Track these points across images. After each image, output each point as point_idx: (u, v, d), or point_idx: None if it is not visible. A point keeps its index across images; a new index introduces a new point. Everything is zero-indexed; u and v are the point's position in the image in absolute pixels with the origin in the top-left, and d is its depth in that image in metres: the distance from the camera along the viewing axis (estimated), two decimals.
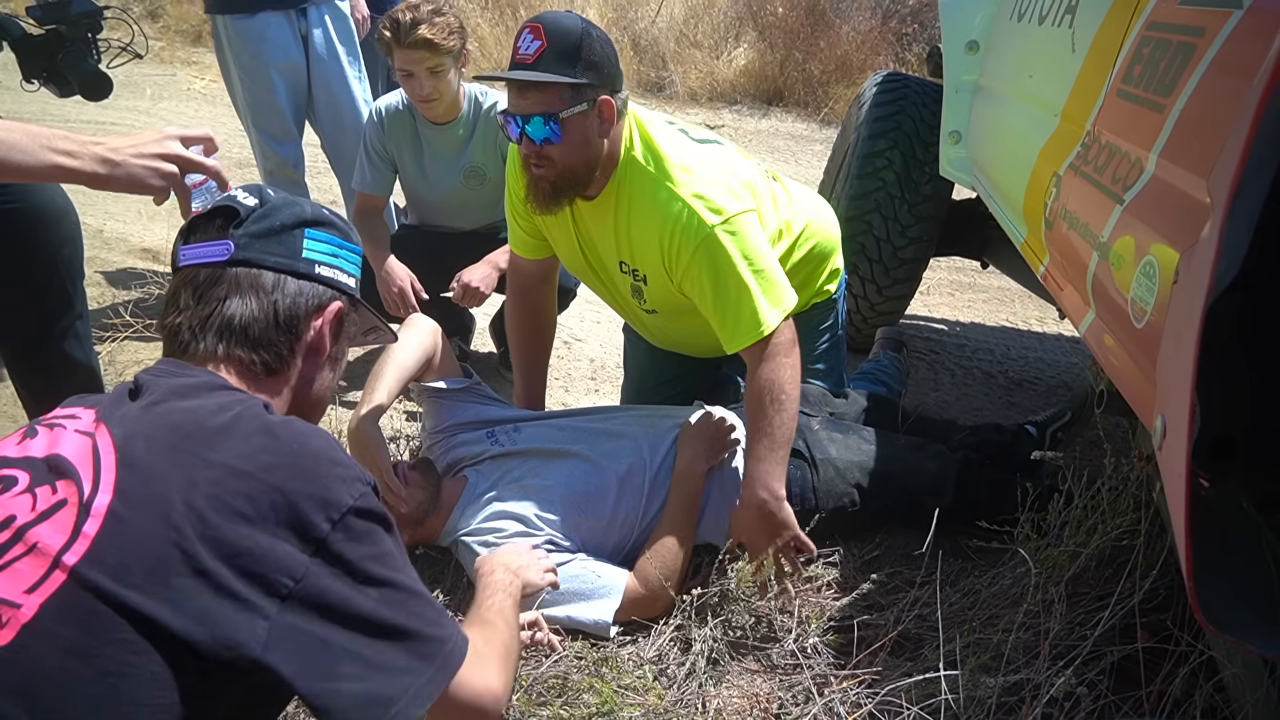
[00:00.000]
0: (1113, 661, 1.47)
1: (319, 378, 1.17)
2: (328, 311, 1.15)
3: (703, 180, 1.87)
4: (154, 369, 1.05)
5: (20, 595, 0.82)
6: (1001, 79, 2.50)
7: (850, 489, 2.11)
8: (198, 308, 1.08)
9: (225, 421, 0.93)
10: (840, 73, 7.34)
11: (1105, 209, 1.46)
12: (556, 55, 1.75)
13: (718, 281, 1.85)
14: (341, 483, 0.91)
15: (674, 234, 1.86)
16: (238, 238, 1.10)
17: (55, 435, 0.95)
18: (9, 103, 5.42)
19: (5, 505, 0.88)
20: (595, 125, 1.82)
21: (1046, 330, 4.13)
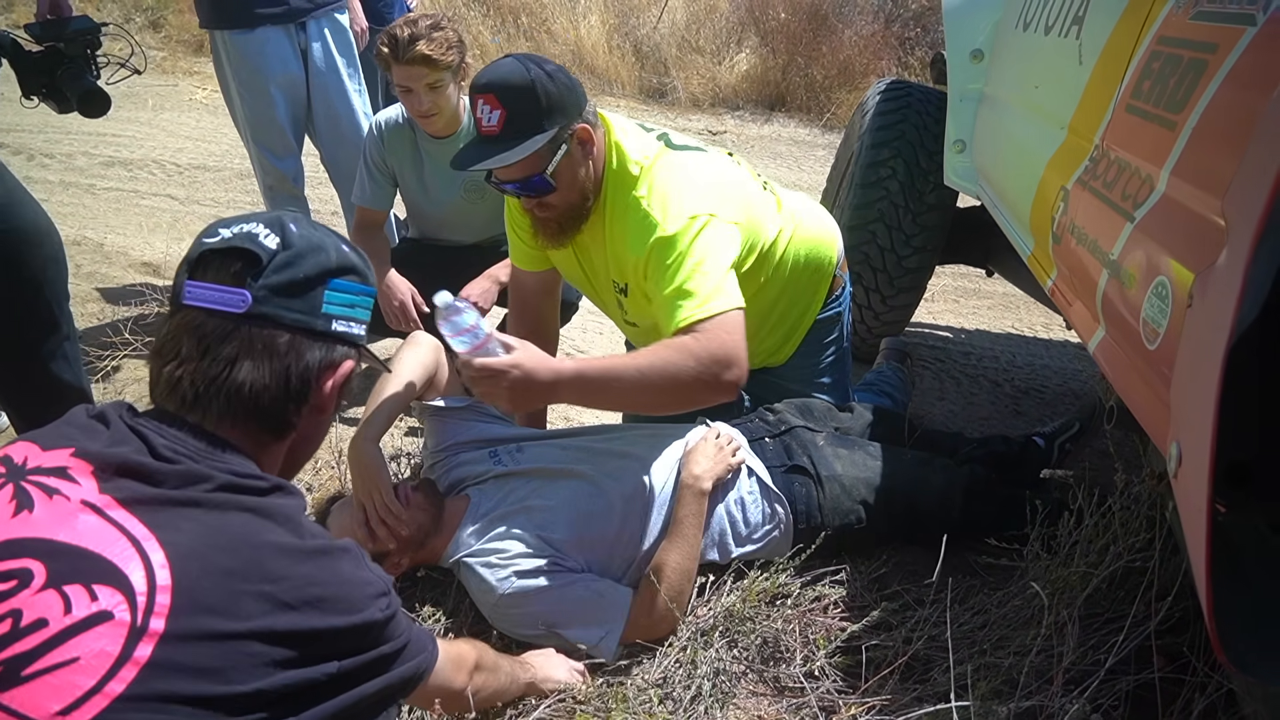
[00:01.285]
0: (1128, 689, 1.44)
1: (315, 435, 1.14)
2: (339, 372, 1.08)
3: (665, 185, 1.87)
4: (163, 430, 0.96)
5: (53, 717, 0.76)
6: (1007, 88, 2.47)
7: (856, 506, 2.08)
8: (202, 362, 0.99)
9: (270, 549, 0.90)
10: (843, 77, 7.31)
11: (1115, 226, 1.44)
12: (520, 118, 1.75)
13: (661, 278, 1.80)
14: (372, 601, 0.96)
15: (635, 239, 1.86)
16: (256, 290, 1.00)
17: (61, 510, 0.86)
18: (10, 115, 5.41)
19: (29, 605, 0.80)
20: (579, 156, 1.85)
21: (1053, 337, 4.10)
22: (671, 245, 1.81)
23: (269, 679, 0.85)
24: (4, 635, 0.78)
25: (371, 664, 0.97)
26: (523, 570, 1.80)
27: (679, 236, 1.80)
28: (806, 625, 1.86)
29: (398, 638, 1.01)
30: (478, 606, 1.87)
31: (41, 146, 5.53)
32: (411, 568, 1.93)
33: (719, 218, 1.85)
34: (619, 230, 1.92)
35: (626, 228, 1.89)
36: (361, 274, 1.12)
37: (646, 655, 1.81)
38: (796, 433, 2.18)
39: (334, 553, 0.95)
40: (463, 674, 1.28)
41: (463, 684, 1.28)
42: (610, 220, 1.94)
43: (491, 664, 1.41)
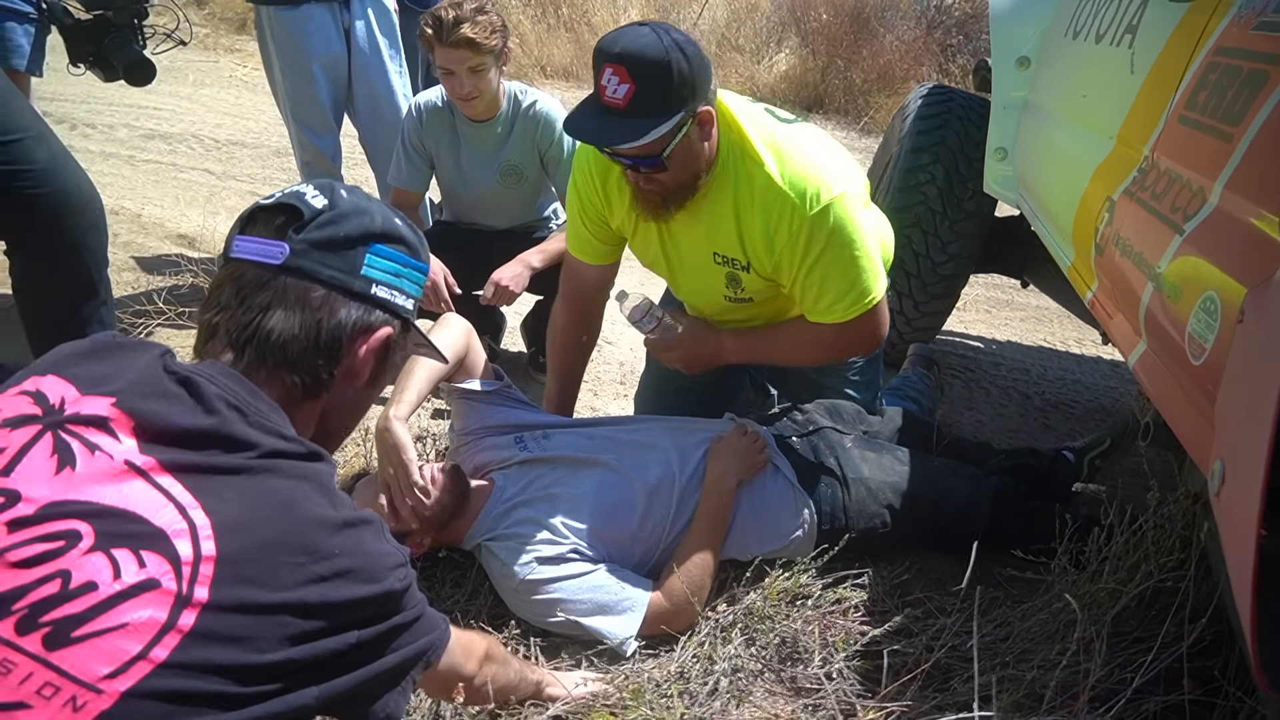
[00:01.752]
0: (1155, 711, 1.42)
1: (352, 402, 1.12)
2: (374, 337, 1.07)
3: (799, 161, 1.84)
4: (214, 376, 0.96)
5: (101, 680, 0.77)
6: (1053, 97, 2.44)
7: (882, 510, 2.06)
8: (238, 311, 1.01)
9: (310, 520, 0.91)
10: (882, 82, 7.27)
11: (1163, 238, 1.42)
12: (648, 99, 1.67)
13: (810, 260, 1.85)
14: (391, 571, 0.97)
15: (776, 217, 1.83)
16: (295, 242, 1.02)
17: (106, 471, 0.85)
18: (55, 84, 5.48)
19: (78, 566, 0.80)
20: (697, 138, 1.79)
21: (1085, 352, 4.06)
22: (820, 229, 1.81)
23: (297, 649, 0.86)
24: (54, 595, 0.79)
25: (388, 633, 0.98)
26: (544, 557, 1.80)
27: (826, 219, 1.80)
28: (826, 627, 1.85)
29: (412, 608, 1.02)
30: (498, 591, 1.88)
31: (84, 116, 5.60)
32: (433, 548, 1.93)
33: (853, 192, 1.85)
34: (749, 208, 1.87)
35: (763, 207, 1.84)
36: (411, 246, 1.11)
37: (664, 648, 1.80)
38: (824, 433, 2.16)
39: (360, 524, 0.97)
40: (473, 661, 1.28)
41: (472, 671, 1.28)
42: (731, 196, 1.88)
43: (502, 657, 1.41)
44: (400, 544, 1.81)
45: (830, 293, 1.88)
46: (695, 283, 2.12)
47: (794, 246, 1.84)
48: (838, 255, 1.84)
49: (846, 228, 1.82)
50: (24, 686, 0.75)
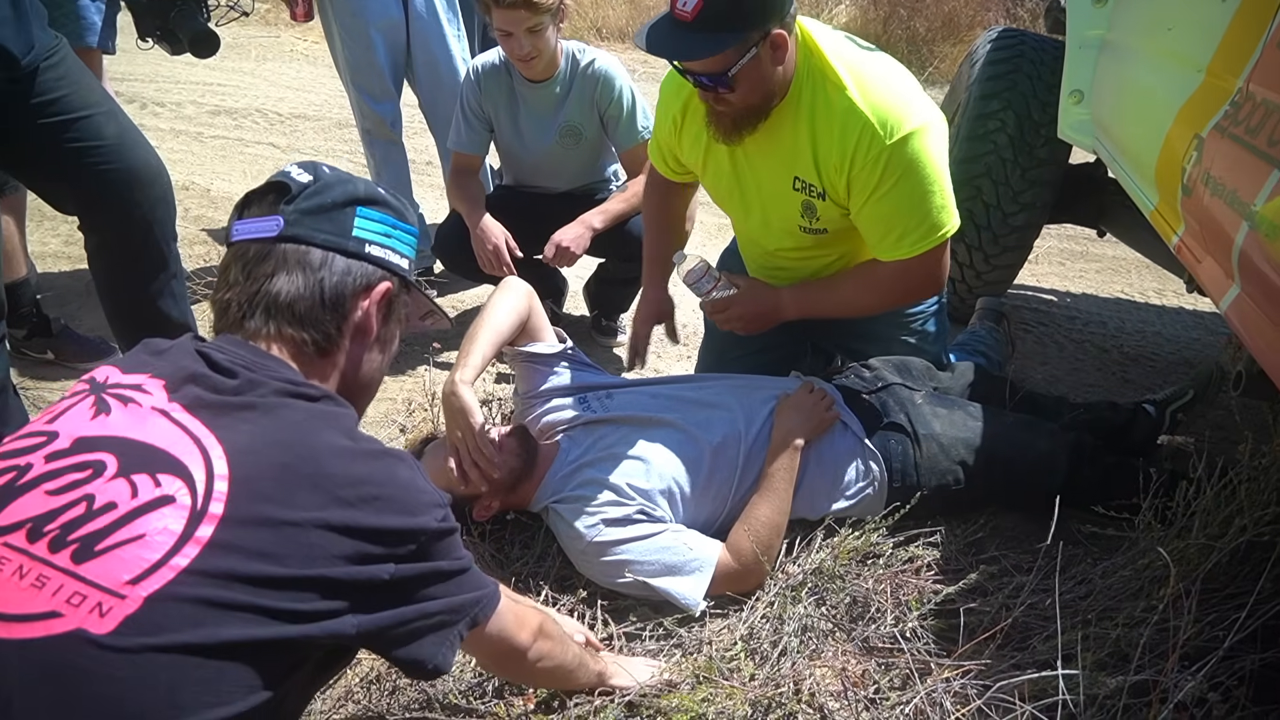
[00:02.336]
0: (1251, 668, 1.36)
1: (367, 360, 1.16)
2: (375, 292, 1.13)
3: (882, 88, 1.81)
4: (221, 345, 1.05)
5: (123, 585, 0.83)
6: (1134, 33, 2.32)
7: (954, 466, 2.01)
8: (246, 284, 1.08)
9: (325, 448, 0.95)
10: (947, 30, 7.05)
11: (1259, 174, 1.33)
12: (715, 14, 1.66)
13: (884, 189, 1.82)
14: (427, 509, 1.00)
15: (854, 143, 1.80)
16: (288, 214, 1.09)
17: (134, 415, 0.95)
18: (124, 64, 5.61)
19: (101, 490, 0.88)
20: (768, 62, 1.76)
21: (1166, 303, 3.90)
22: (898, 159, 1.79)
23: (329, 569, 0.90)
24: (79, 516, 0.86)
25: (429, 575, 1.00)
26: (611, 518, 1.79)
27: (905, 149, 1.78)
28: (898, 586, 1.81)
29: (457, 558, 1.05)
30: (566, 553, 1.88)
31: (153, 95, 5.72)
32: (501, 511, 1.95)
33: (935, 125, 1.82)
34: (827, 132, 1.84)
35: (842, 131, 1.82)
36: (395, 209, 1.18)
37: (733, 608, 1.79)
38: (894, 390, 2.11)
39: (390, 458, 1.00)
40: (525, 632, 1.26)
41: (525, 642, 1.26)
42: (809, 121, 1.86)
43: (559, 635, 1.38)
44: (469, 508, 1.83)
45: (898, 226, 1.86)
46: (770, 213, 2.08)
47: (870, 173, 1.81)
48: (912, 188, 1.81)
49: (924, 160, 1.80)
50: (56, 597, 0.82)
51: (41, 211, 3.46)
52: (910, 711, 1.47)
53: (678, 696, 1.50)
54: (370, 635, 0.95)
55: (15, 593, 0.82)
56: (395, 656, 1.01)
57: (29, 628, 0.81)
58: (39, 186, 2.15)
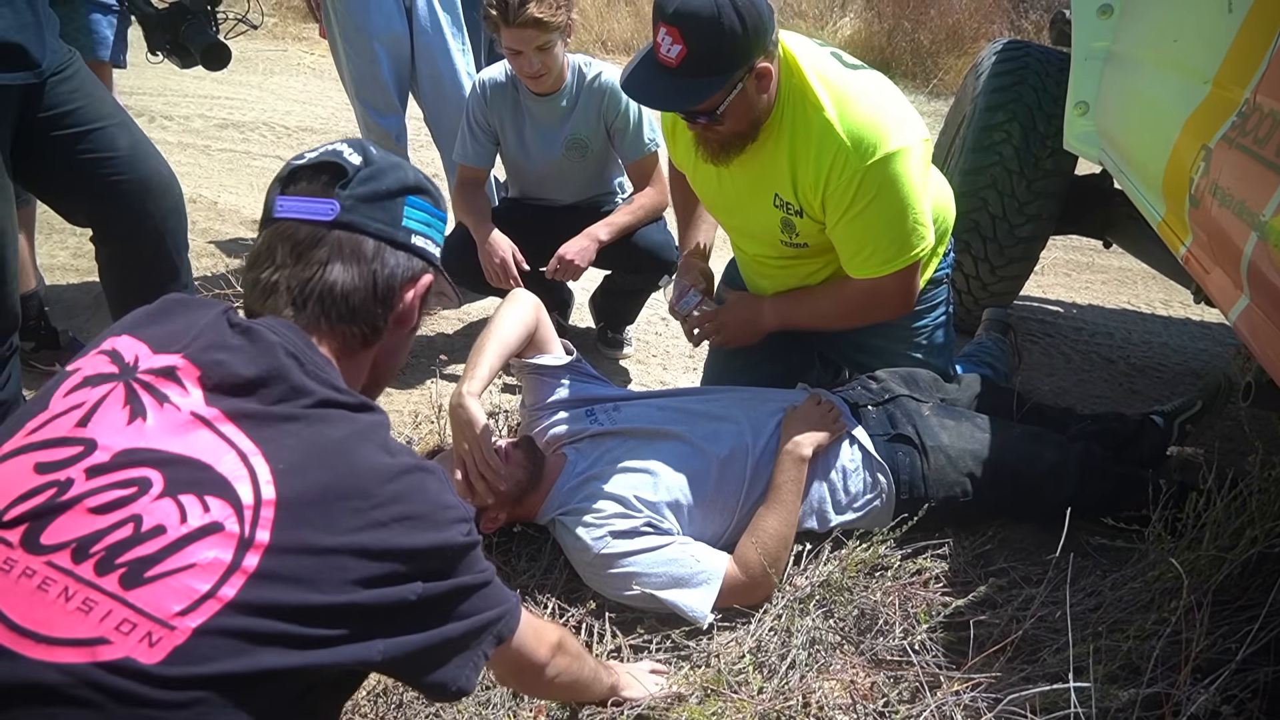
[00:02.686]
0: (1265, 682, 1.35)
1: (401, 348, 1.17)
2: (420, 284, 1.13)
3: (859, 110, 1.82)
4: (274, 327, 1.00)
5: (173, 616, 0.81)
6: (1140, 45, 2.32)
7: (962, 478, 2.01)
8: (296, 267, 1.05)
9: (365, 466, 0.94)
10: (951, 42, 7.07)
11: (1268, 185, 1.33)
12: (700, 60, 1.68)
13: (856, 210, 1.84)
14: (453, 524, 0.98)
15: (829, 162, 1.82)
16: (344, 199, 1.07)
17: (174, 422, 0.91)
18: (133, 78, 5.64)
19: (149, 511, 0.85)
20: (754, 92, 1.79)
21: (1172, 314, 3.90)
22: (873, 180, 1.81)
23: (359, 594, 0.88)
24: (128, 538, 0.83)
25: (455, 592, 0.99)
26: (618, 530, 1.79)
27: (881, 171, 1.80)
28: (906, 599, 1.81)
29: (480, 572, 1.03)
30: (573, 565, 1.88)
31: (161, 109, 5.75)
32: (508, 524, 1.94)
33: (913, 147, 1.83)
34: (806, 154, 1.87)
35: (818, 152, 1.84)
36: (435, 198, 1.17)
37: (741, 621, 1.78)
38: (901, 401, 2.11)
39: (421, 471, 0.98)
40: (544, 648, 1.25)
41: (544, 658, 1.25)
42: (789, 140, 1.89)
43: (576, 651, 1.38)
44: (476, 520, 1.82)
45: (869, 245, 1.88)
46: (752, 225, 2.11)
47: (844, 193, 1.84)
48: (885, 209, 1.83)
49: (898, 183, 1.81)
50: (104, 623, 0.80)
51: (50, 224, 3.48)
52: None
53: (687, 709, 1.49)
54: (396, 660, 0.93)
55: (61, 615, 0.80)
56: (420, 682, 0.99)
57: (76, 652, 0.79)
58: (52, 199, 2.16)
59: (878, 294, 1.98)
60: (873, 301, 2.02)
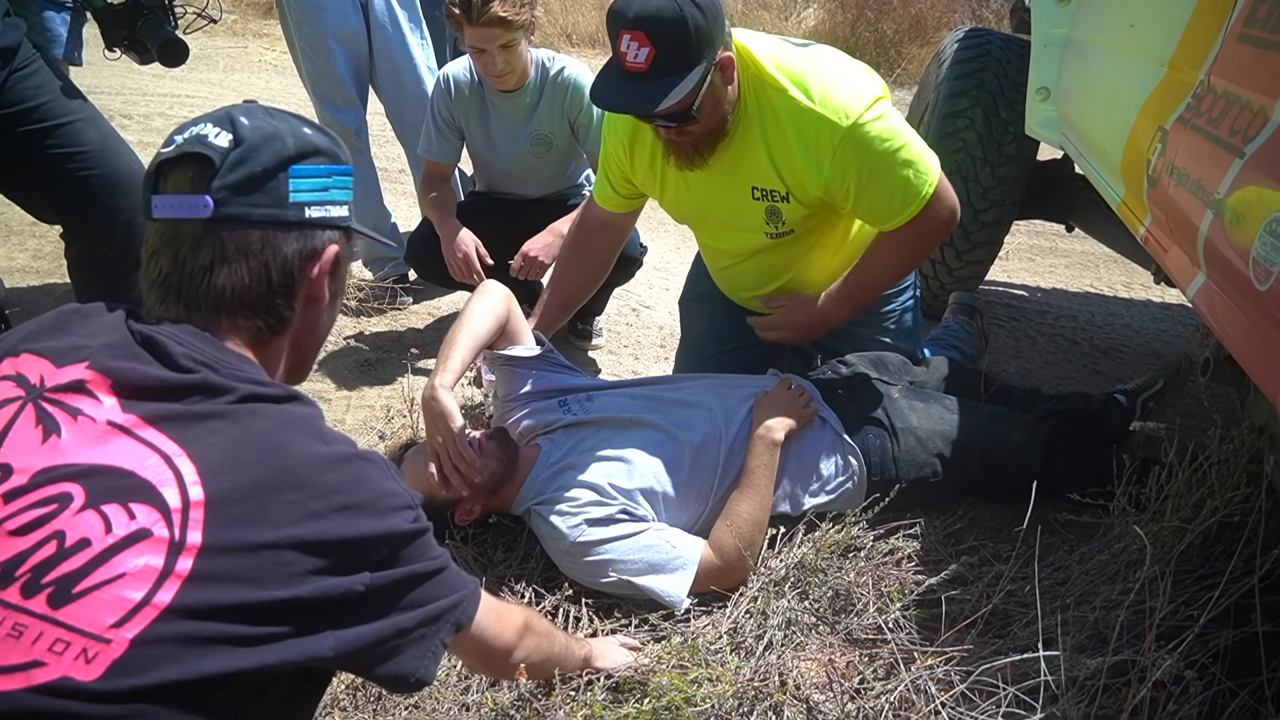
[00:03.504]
0: (1226, 645, 1.39)
1: (320, 324, 1.11)
2: (324, 258, 1.05)
3: (822, 80, 1.84)
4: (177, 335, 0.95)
5: (108, 629, 0.79)
6: (1097, 30, 2.36)
7: (932, 459, 2.04)
8: (184, 275, 0.99)
9: (297, 457, 0.90)
10: (914, 32, 7.13)
11: (1222, 164, 1.37)
12: (669, 57, 1.68)
13: (866, 170, 1.85)
14: (397, 512, 0.95)
15: (813, 139, 1.84)
16: (216, 192, 0.97)
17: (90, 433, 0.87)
18: (90, 77, 5.53)
19: (71, 525, 0.82)
20: (721, 84, 1.81)
21: (1134, 296, 3.97)
22: (862, 139, 1.82)
23: (304, 586, 0.86)
24: (51, 556, 0.81)
25: (405, 581, 0.96)
26: (593, 518, 1.80)
27: (865, 129, 1.82)
28: (880, 578, 1.83)
29: (431, 559, 1.00)
30: (549, 554, 1.88)
31: (120, 108, 5.66)
32: (483, 515, 1.94)
33: (881, 96, 1.86)
34: (780, 137, 1.88)
35: (798, 132, 1.85)
36: (328, 153, 1.06)
37: (717, 605, 1.80)
38: (870, 384, 2.13)
39: (359, 460, 0.95)
40: (509, 631, 1.23)
41: (510, 641, 1.23)
42: (760, 129, 1.90)
43: (544, 630, 1.38)
44: (451, 512, 1.82)
45: (897, 197, 1.89)
46: (735, 224, 2.10)
47: (843, 164, 1.85)
48: (888, 160, 1.85)
49: (886, 131, 1.84)
50: (36, 646, 0.77)
51: (8, 226, 3.42)
52: (895, 700, 1.48)
53: (666, 675, 1.51)
54: (349, 655, 0.91)
55: None
56: (376, 675, 0.96)
57: (9, 679, 0.76)
58: (20, 195, 2.13)
59: (927, 224, 1.93)
60: (925, 232, 1.96)
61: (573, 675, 1.51)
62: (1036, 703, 1.34)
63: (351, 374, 2.83)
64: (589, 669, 1.54)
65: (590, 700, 1.47)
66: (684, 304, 2.58)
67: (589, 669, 1.54)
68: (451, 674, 1.59)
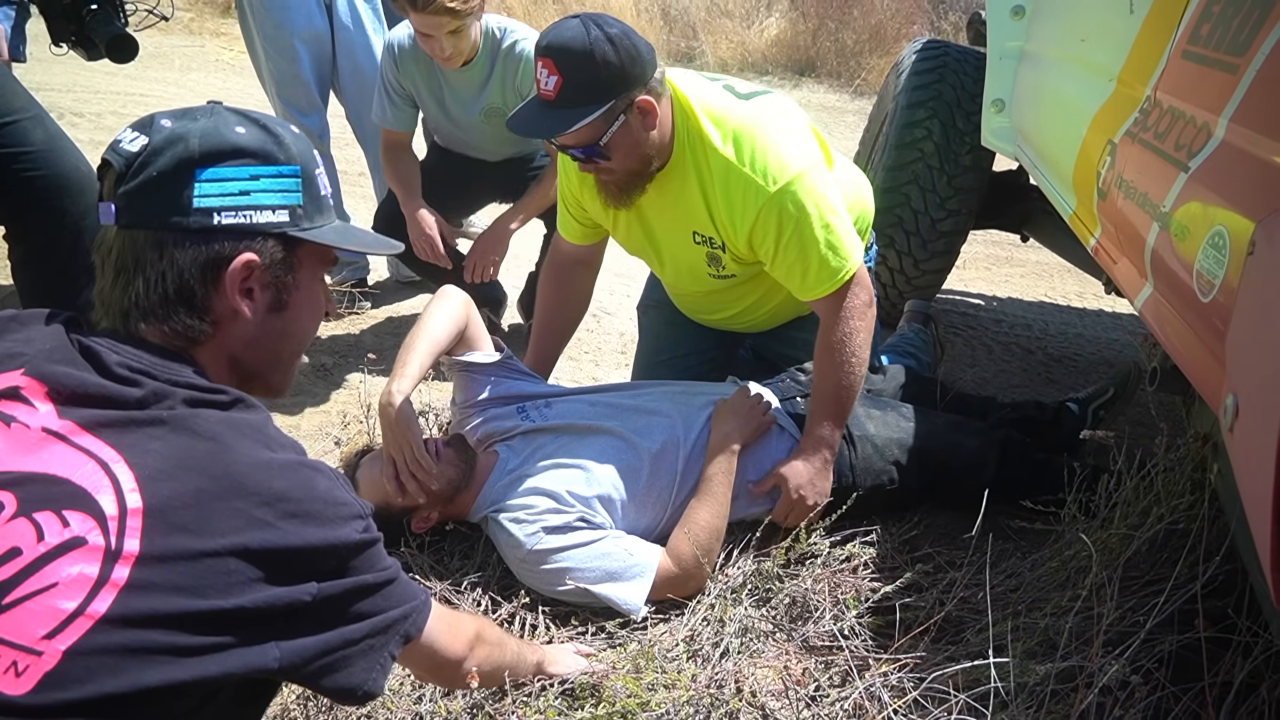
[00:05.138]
0: (1170, 650, 1.42)
1: (262, 337, 1.03)
2: (231, 267, 0.97)
3: (755, 141, 1.84)
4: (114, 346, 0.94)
5: (39, 641, 0.76)
6: (1050, 44, 2.41)
7: (889, 466, 2.05)
8: (104, 278, 0.98)
9: (241, 463, 0.88)
10: (874, 42, 7.22)
11: (1167, 177, 1.40)
12: (575, 88, 1.70)
13: (785, 238, 1.84)
14: (347, 521, 0.93)
15: (739, 198, 1.84)
16: (119, 199, 0.95)
17: (23, 440, 0.85)
18: (40, 74, 5.42)
19: (2, 534, 0.79)
20: (639, 127, 1.80)
21: (1086, 305, 4.04)
22: (787, 206, 1.80)
23: (248, 595, 0.84)
24: None
25: (353, 592, 0.94)
26: (550, 526, 1.79)
27: (789, 196, 1.80)
28: (836, 585, 1.84)
29: (381, 570, 0.98)
30: (506, 562, 1.87)
31: (71, 105, 5.54)
32: (440, 522, 1.93)
33: (812, 166, 1.85)
34: (713, 190, 1.88)
35: (726, 189, 1.85)
36: (257, 154, 0.99)
37: (675, 612, 1.80)
38: None
39: (307, 468, 0.93)
40: (460, 642, 1.21)
41: (460, 653, 1.21)
42: (695, 179, 1.90)
43: (496, 639, 1.36)
44: (407, 520, 1.79)
45: (812, 269, 1.87)
46: (679, 263, 2.13)
47: (765, 228, 1.85)
48: (809, 231, 1.83)
49: (812, 201, 1.82)
50: None
51: None
52: (850, 707, 1.49)
53: (621, 679, 1.51)
54: (294, 666, 0.89)
55: None
56: (323, 686, 0.93)
57: None
58: None
59: (844, 307, 1.89)
60: (847, 317, 1.90)
61: (525, 681, 1.50)
62: (986, 709, 1.36)
63: (307, 379, 2.79)
64: (542, 675, 1.53)
65: (543, 706, 1.47)
66: (642, 309, 2.58)
67: (542, 675, 1.53)
68: (405, 683, 1.57)
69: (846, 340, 1.90)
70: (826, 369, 1.92)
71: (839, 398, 1.93)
